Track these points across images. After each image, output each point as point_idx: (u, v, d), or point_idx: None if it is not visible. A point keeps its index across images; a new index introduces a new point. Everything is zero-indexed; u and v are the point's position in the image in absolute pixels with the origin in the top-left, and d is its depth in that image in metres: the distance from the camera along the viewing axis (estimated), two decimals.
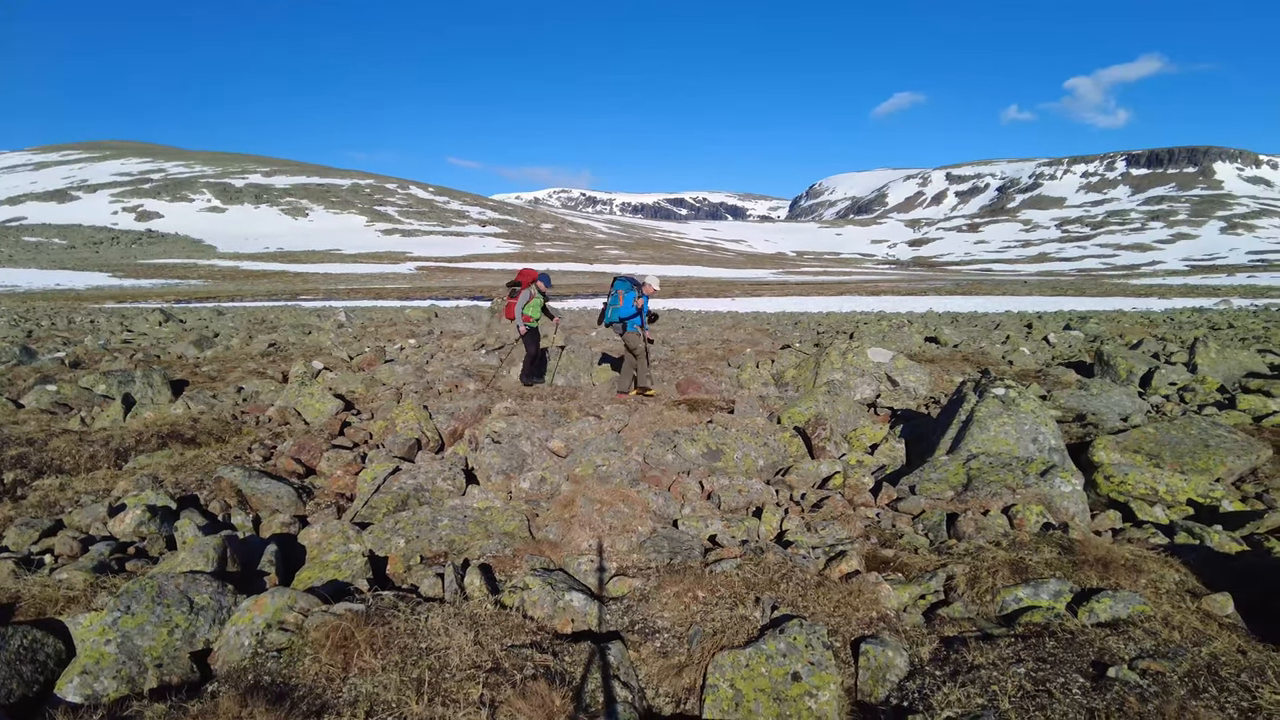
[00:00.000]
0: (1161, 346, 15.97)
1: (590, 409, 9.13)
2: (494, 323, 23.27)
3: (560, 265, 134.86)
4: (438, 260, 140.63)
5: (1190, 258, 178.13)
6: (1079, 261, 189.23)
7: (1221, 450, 6.63)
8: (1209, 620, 3.78)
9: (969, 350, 15.95)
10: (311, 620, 3.45)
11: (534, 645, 3.51)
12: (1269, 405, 9.13)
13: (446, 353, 15.68)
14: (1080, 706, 2.94)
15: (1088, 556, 4.43)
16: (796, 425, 8.17)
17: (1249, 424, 8.21)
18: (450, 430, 8.33)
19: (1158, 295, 58.85)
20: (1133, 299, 54.00)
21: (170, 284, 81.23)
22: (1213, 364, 12.22)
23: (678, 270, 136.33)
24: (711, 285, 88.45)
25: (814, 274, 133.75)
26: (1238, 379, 11.72)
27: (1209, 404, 9.79)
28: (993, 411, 6.81)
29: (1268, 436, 7.49)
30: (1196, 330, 21.63)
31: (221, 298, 60.41)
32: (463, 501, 5.67)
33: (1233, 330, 21.79)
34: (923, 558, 4.76)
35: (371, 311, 37.64)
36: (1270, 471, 6.63)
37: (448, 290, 73.69)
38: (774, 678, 3.37)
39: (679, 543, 4.95)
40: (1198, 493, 6.18)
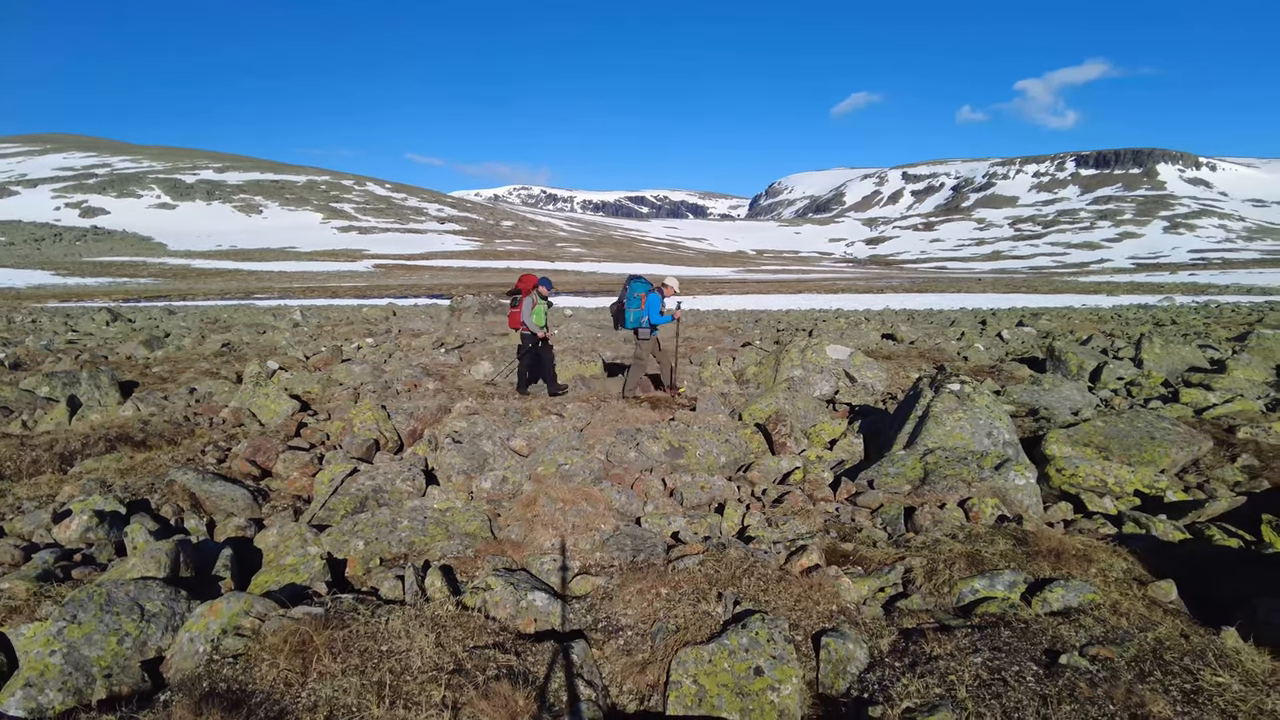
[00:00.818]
0: (1110, 342, 16.42)
1: (552, 408, 9.09)
2: (453, 321, 23.05)
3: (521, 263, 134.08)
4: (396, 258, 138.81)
5: (1136, 256, 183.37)
6: (1031, 259, 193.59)
7: (1166, 442, 6.84)
8: (1154, 606, 3.90)
9: (925, 347, 16.23)
10: (269, 625, 3.38)
11: (497, 646, 3.48)
12: (1209, 398, 9.45)
13: (405, 352, 15.49)
14: (1033, 693, 3.02)
15: (1041, 547, 4.54)
16: (758, 422, 8.23)
17: (1191, 417, 8.49)
18: (409, 430, 8.23)
19: (1106, 292, 60.47)
20: (1082, 296, 55.42)
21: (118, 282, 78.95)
22: (1157, 359, 12.61)
23: (639, 268, 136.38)
24: None
25: (774, 272, 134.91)
26: (1180, 373, 12.11)
27: (1154, 398, 10.10)
28: (948, 407, 6.94)
29: (1208, 429, 7.75)
30: (1142, 326, 22.29)
31: (173, 296, 58.90)
32: (423, 502, 5.61)
33: (1176, 326, 22.50)
34: (881, 551, 4.83)
35: (328, 310, 37.01)
36: (1211, 462, 6.86)
37: (406, 288, 72.79)
38: (737, 673, 3.40)
39: (642, 540, 4.96)
40: (1144, 484, 6.37)
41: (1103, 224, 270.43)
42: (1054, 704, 2.93)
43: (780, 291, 69.05)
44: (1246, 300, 42.73)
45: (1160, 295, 52.05)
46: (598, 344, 17.00)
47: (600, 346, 16.16)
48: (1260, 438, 7.43)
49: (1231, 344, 15.74)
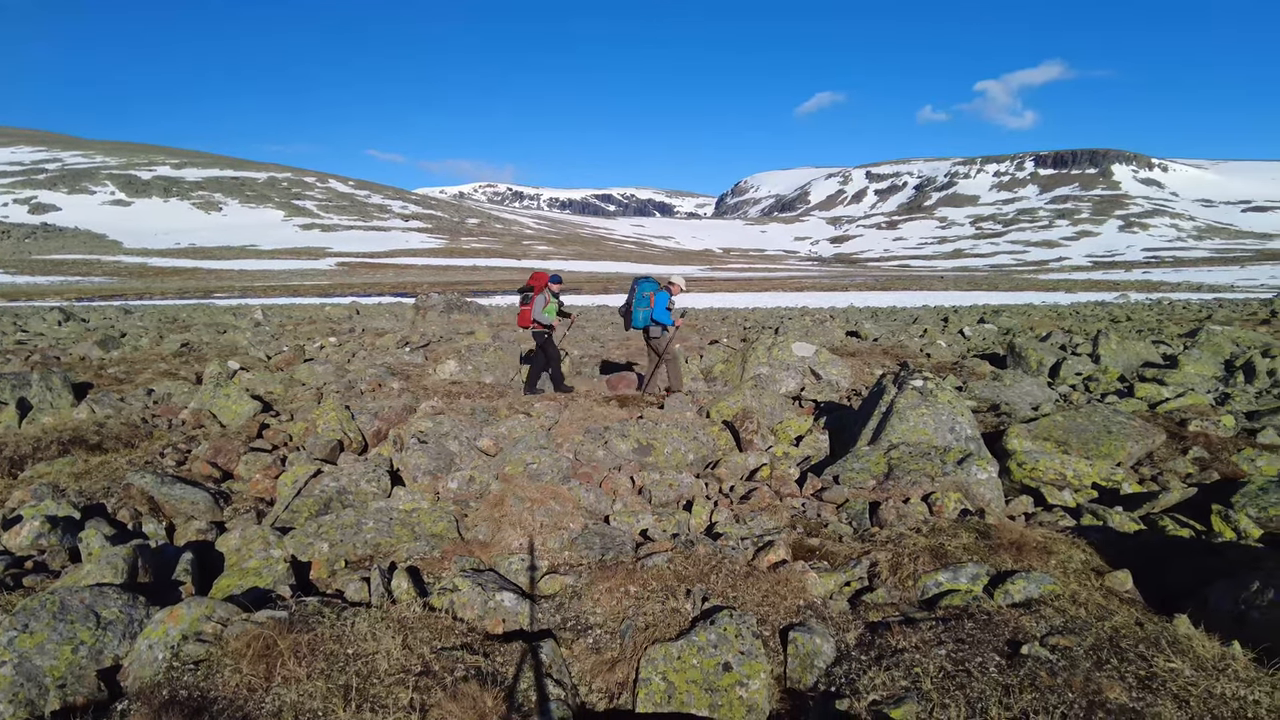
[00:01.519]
0: (1068, 338, 16.77)
1: (520, 406, 9.05)
2: (418, 320, 22.82)
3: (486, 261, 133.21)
4: (359, 256, 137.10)
5: (1093, 254, 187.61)
6: (992, 257, 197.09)
7: (1122, 436, 7.02)
8: (1111, 596, 4.00)
9: (888, 344, 16.44)
10: (231, 630, 3.32)
11: (464, 647, 3.46)
12: (1162, 393, 9.72)
13: (369, 351, 15.31)
14: (996, 684, 3.08)
15: (1003, 540, 4.63)
16: (725, 419, 8.27)
17: (1145, 411, 8.72)
18: (374, 431, 8.13)
19: (1064, 290, 61.79)
20: (1042, 293, 56.55)
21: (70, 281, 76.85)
22: (1114, 355, 12.92)
23: (607, 266, 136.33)
24: None
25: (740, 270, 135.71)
26: (1136, 369, 12.43)
27: (1111, 392, 10.35)
28: (912, 403, 7.04)
29: (1161, 422, 7.96)
30: (1099, 323, 22.81)
31: (129, 295, 57.49)
32: (388, 503, 5.55)
33: (1131, 323, 23.07)
34: (847, 546, 4.89)
35: (290, 309, 36.44)
36: (1164, 455, 7.05)
37: (370, 286, 71.90)
38: (705, 669, 3.41)
39: (611, 538, 4.96)
40: (1101, 476, 6.53)
41: (1061, 223, 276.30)
42: (1016, 693, 2.99)
43: (747, 290, 69.49)
44: (1197, 298, 43.95)
45: (1116, 293, 53.34)
46: (565, 342, 16.96)
47: (567, 344, 16.12)
48: (1210, 431, 7.65)
49: (1183, 340, 16.18)
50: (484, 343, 12.93)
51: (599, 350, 15.62)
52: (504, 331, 18.75)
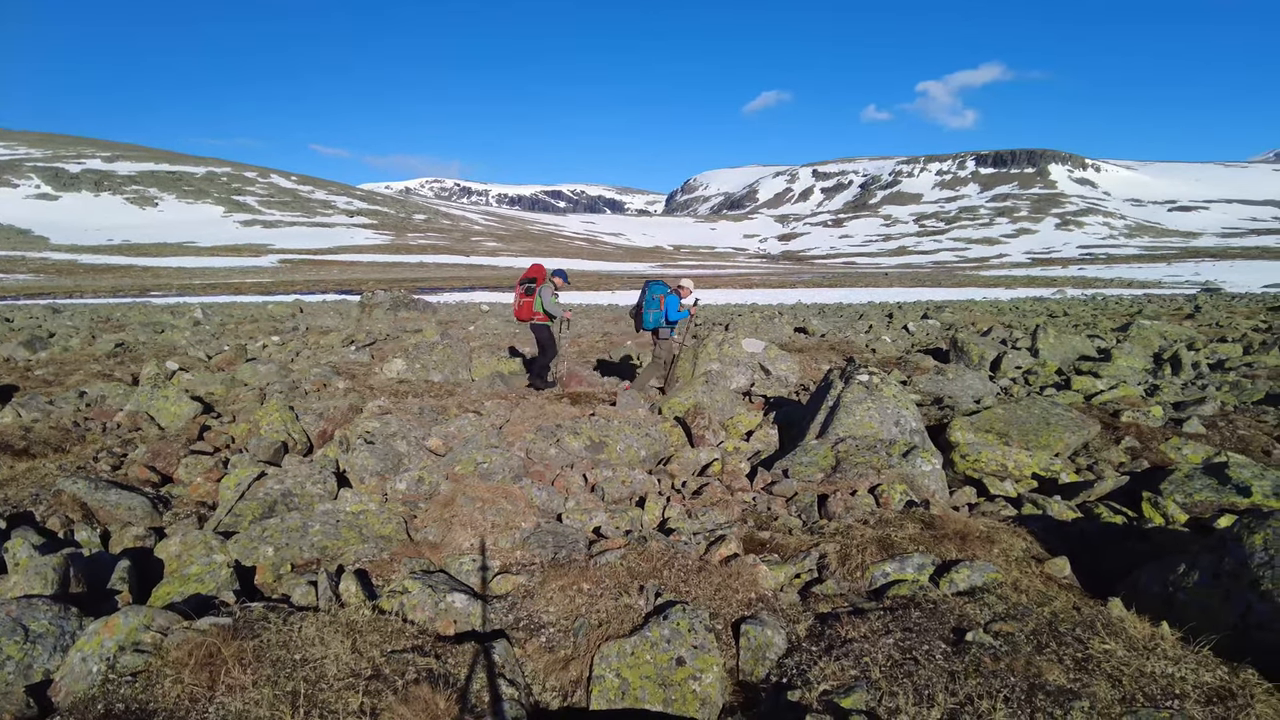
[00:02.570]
0: (1008, 333, 17.27)
1: (470, 405, 8.95)
2: (364, 318, 22.42)
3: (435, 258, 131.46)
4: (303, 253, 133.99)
5: (1032, 251, 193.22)
6: (935, 255, 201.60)
7: (1060, 427, 7.25)
8: (1050, 582, 4.14)
9: (835, 339, 16.71)
10: (172, 639, 3.22)
11: (416, 649, 3.42)
12: (1097, 385, 10.08)
13: (313, 350, 14.98)
14: (943, 670, 3.16)
15: (947, 530, 4.75)
16: (677, 415, 8.32)
17: (1081, 403, 9.02)
18: (319, 431, 7.97)
19: (1004, 286, 63.53)
20: (983, 289, 58.07)
21: None
22: (1051, 348, 13.34)
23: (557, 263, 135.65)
24: (592, 278, 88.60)
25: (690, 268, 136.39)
26: (1072, 362, 12.86)
27: (1049, 385, 10.69)
28: (858, 397, 7.17)
29: (1096, 413, 8.25)
30: (1037, 318, 23.52)
31: (57, 294, 55.22)
32: (335, 505, 5.44)
33: (1067, 318, 23.84)
34: (797, 538, 4.96)
35: (231, 308, 35.45)
36: (1099, 445, 7.31)
37: (314, 284, 70.36)
38: (659, 664, 3.43)
39: (563, 537, 4.95)
40: (1040, 467, 6.74)
41: (1001, 220, 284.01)
42: (961, 679, 3.07)
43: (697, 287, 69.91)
44: (1128, 293, 45.64)
45: (1053, 288, 55.07)
46: (515, 340, 16.83)
47: (518, 343, 16.01)
48: (1141, 421, 7.95)
49: (1116, 334, 16.80)
50: (432, 340, 12.76)
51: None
52: (452, 329, 18.54)
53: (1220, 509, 5.35)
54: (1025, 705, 2.86)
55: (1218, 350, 13.70)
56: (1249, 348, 14.08)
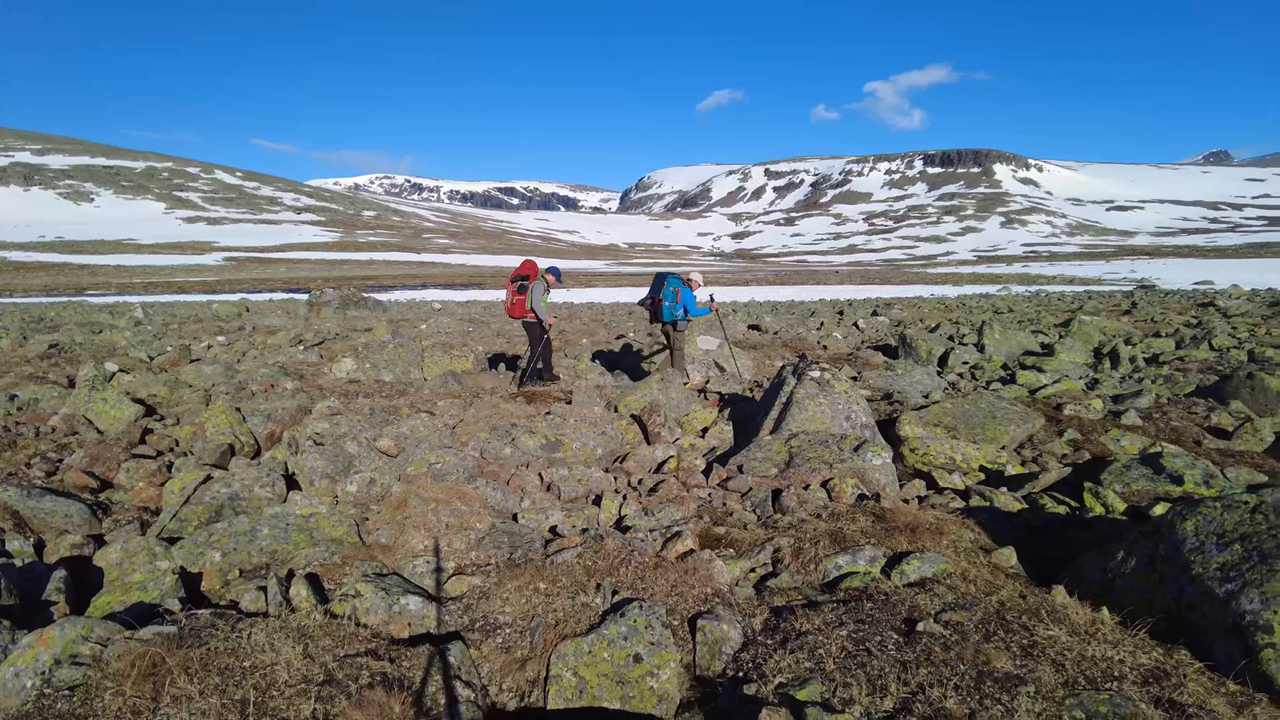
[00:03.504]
0: (955, 329, 17.66)
1: (422, 405, 8.84)
2: (312, 317, 21.98)
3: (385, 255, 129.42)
4: (249, 250, 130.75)
5: (977, 249, 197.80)
6: (884, 252, 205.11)
7: (1005, 421, 7.45)
8: (998, 572, 4.25)
9: (788, 336, 16.90)
10: (113, 649, 3.12)
11: (369, 653, 3.36)
12: (1041, 379, 10.37)
13: (261, 350, 14.63)
14: (895, 660, 3.22)
15: (898, 523, 4.84)
16: (633, 413, 8.33)
17: (1026, 397, 9.27)
18: (267, 433, 7.79)
19: (951, 283, 64.89)
20: (931, 286, 59.23)
21: None
22: (997, 344, 13.69)
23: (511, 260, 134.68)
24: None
25: (645, 265, 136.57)
26: (1017, 357, 13.21)
27: (995, 380, 10.97)
28: (810, 393, 7.27)
29: (1040, 407, 8.49)
30: (983, 314, 24.09)
31: None
32: (284, 509, 5.32)
33: (1012, 314, 24.45)
34: (752, 533, 5.01)
35: (174, 307, 34.42)
36: (1043, 438, 7.53)
37: (260, 282, 68.72)
38: (616, 661, 3.43)
39: (519, 536, 4.92)
40: (987, 459, 6.92)
41: (948, 219, 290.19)
42: (913, 669, 3.14)
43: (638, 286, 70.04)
44: (1070, 290, 46.98)
45: (999, 285, 56.44)
46: (469, 338, 16.67)
47: (472, 341, 15.85)
48: (1082, 414, 8.21)
49: (1058, 330, 17.30)
50: (382, 340, 12.57)
51: (505, 346, 15.43)
52: (403, 328, 18.28)
53: (1156, 498, 5.56)
54: (974, 692, 2.93)
55: (1152, 345, 14.21)
56: (1181, 342, 14.64)
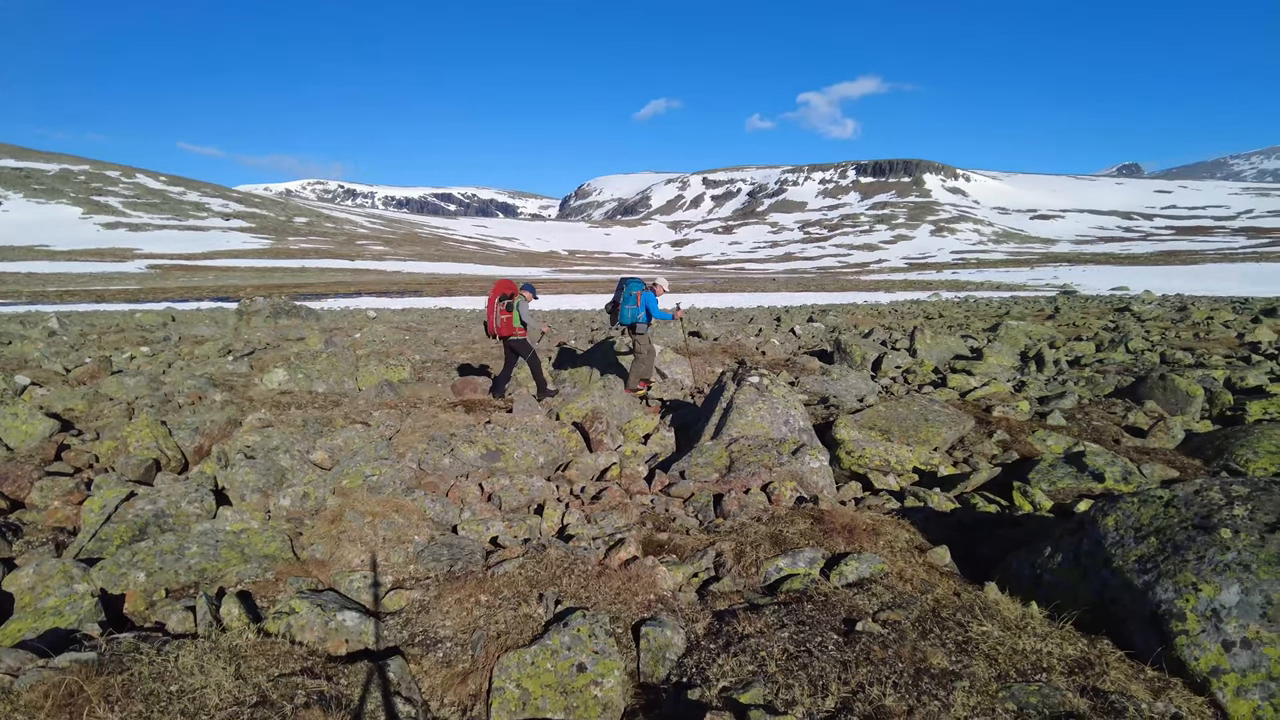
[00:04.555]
0: (888, 335, 18.09)
1: (357, 415, 8.65)
2: (242, 326, 21.30)
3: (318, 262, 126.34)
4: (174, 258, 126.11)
5: (909, 256, 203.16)
6: (819, 260, 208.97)
7: (937, 423, 7.66)
8: (933, 570, 4.36)
9: (727, 343, 17.06)
10: (25, 680, 2.95)
11: (305, 672, 3.26)
12: (970, 382, 10.70)
13: (188, 361, 14.11)
14: (835, 660, 3.27)
15: (836, 525, 4.93)
16: (575, 420, 8.30)
17: (957, 399, 9.56)
18: (195, 447, 7.51)
19: (884, 290, 66.53)
20: (864, 293, 60.61)
21: None
22: (928, 348, 14.08)
23: (448, 268, 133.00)
24: (485, 283, 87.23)
25: (586, 272, 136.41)
26: (948, 361, 13.61)
27: (927, 383, 11.28)
28: (749, 398, 7.36)
29: (970, 409, 8.76)
30: (915, 320, 24.75)
31: None
32: (213, 525, 5.13)
33: (942, 319, 25.20)
34: (694, 538, 5.04)
35: (93, 316, 32.94)
36: (974, 439, 7.76)
37: (187, 291, 66.35)
38: (560, 672, 3.41)
39: (459, 548, 4.84)
40: (921, 461, 7.10)
41: (880, 227, 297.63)
42: (853, 668, 3.19)
43: (593, 291, 69.91)
44: (997, 296, 48.65)
45: (929, 291, 58.10)
46: (405, 347, 16.38)
47: (408, 349, 15.58)
48: (1010, 415, 8.50)
49: (986, 334, 17.90)
50: (315, 349, 12.26)
51: (443, 354, 15.20)
52: (337, 337, 17.86)
53: (1080, 495, 5.79)
54: (912, 689, 3.00)
55: (1075, 348, 14.82)
56: (1100, 345, 15.31)
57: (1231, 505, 3.54)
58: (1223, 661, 2.98)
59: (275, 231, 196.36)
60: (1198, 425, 8.21)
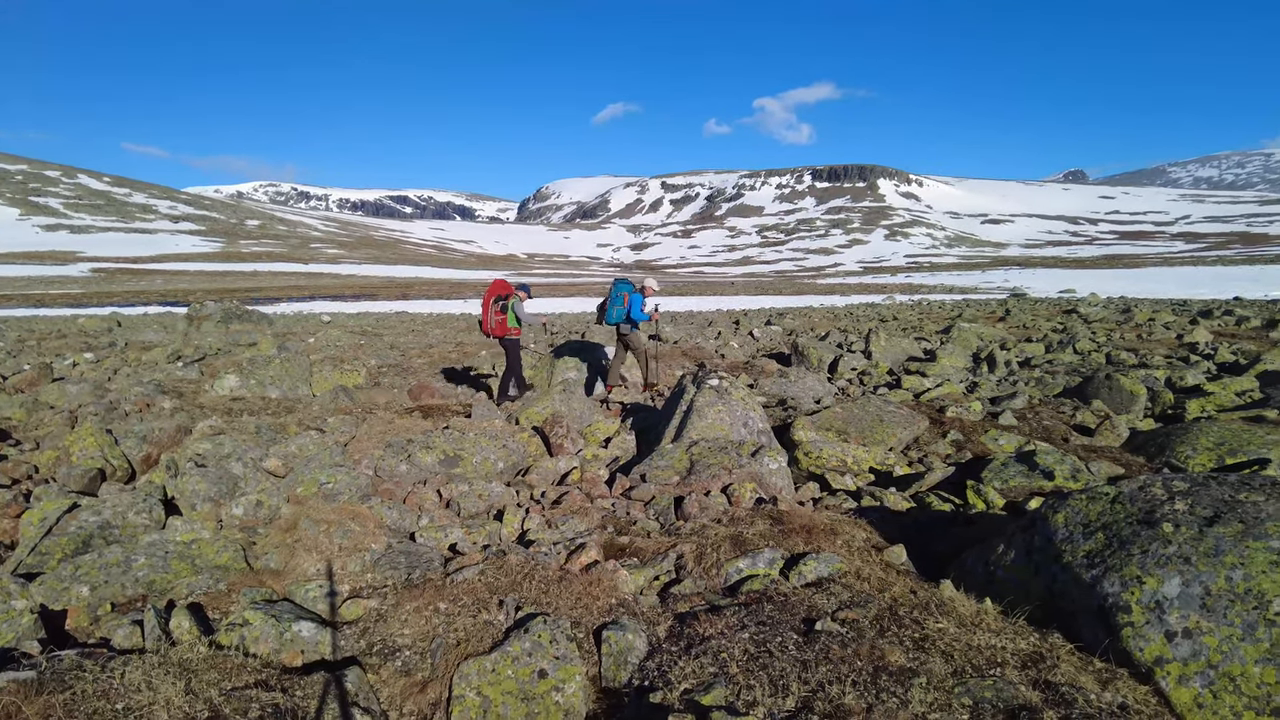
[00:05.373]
0: (844, 337, 18.34)
1: (312, 422, 8.49)
2: (192, 331, 20.76)
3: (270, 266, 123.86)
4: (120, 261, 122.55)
5: (864, 260, 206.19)
6: (776, 264, 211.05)
7: (893, 423, 7.78)
8: (889, 569, 4.43)
9: (687, 346, 17.13)
10: None
11: (259, 684, 3.19)
12: (924, 384, 10.91)
13: (135, 367, 13.71)
14: (795, 660, 3.30)
15: (794, 525, 4.98)
16: (534, 425, 8.25)
17: (911, 400, 9.73)
18: (143, 456, 7.30)
19: (840, 293, 67.45)
20: (821, 296, 61.37)
21: None
22: (883, 351, 14.31)
23: (404, 271, 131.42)
24: (442, 286, 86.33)
25: (545, 276, 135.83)
26: (902, 362, 13.84)
27: (882, 385, 11.46)
28: (709, 401, 7.40)
29: (924, 410, 8.92)
30: (870, 323, 25.12)
31: None
32: (162, 536, 4.99)
33: (896, 321, 25.61)
34: (655, 541, 5.04)
35: (33, 322, 31.82)
36: (928, 439, 7.91)
37: (134, 295, 64.51)
38: (521, 678, 3.38)
39: (417, 556, 4.78)
40: (877, 461, 7.21)
41: (835, 232, 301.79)
42: (812, 667, 3.23)
43: (553, 295, 69.71)
44: (949, 298, 49.65)
45: (884, 295, 59.08)
46: (361, 351, 16.13)
47: (364, 354, 15.34)
48: (963, 415, 8.67)
49: (939, 336, 18.25)
50: (268, 354, 12.00)
51: (400, 359, 14.99)
52: (290, 341, 17.52)
53: (1031, 492, 5.93)
54: (871, 687, 3.04)
55: (1025, 349, 15.19)
56: (1049, 346, 15.72)
57: (1173, 500, 3.66)
58: (1166, 651, 3.07)
59: (226, 234, 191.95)
60: (1141, 423, 8.48)
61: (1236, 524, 3.36)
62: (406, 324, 28.80)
